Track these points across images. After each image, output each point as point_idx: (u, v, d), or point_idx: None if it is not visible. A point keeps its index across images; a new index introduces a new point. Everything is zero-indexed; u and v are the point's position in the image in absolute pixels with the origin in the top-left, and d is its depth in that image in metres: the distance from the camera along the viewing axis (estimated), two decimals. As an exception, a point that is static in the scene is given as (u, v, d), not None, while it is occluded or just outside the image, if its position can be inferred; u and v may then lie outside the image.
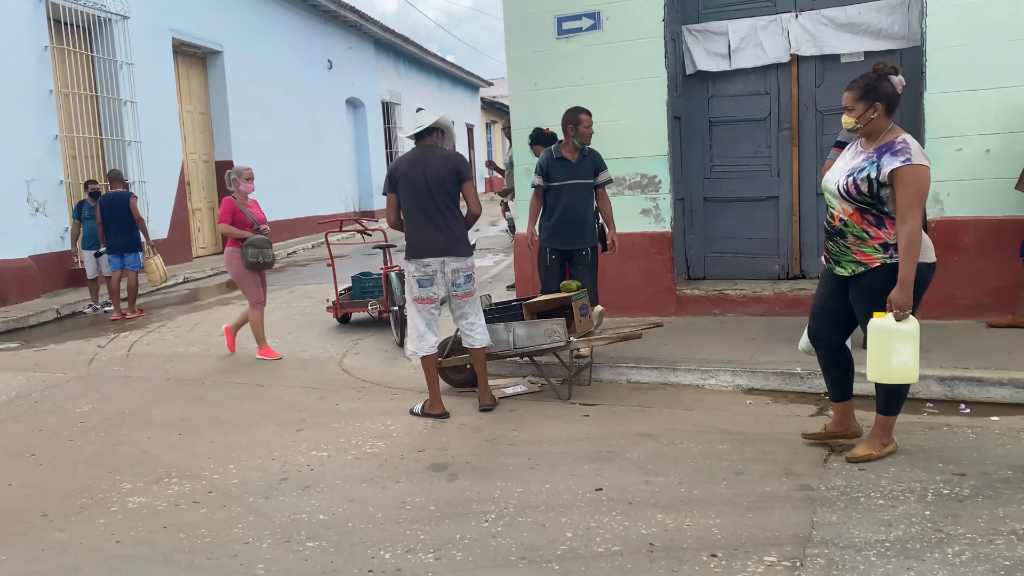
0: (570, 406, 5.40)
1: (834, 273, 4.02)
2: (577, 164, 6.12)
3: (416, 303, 5.37)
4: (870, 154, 3.81)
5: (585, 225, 6.16)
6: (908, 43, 6.82)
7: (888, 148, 3.76)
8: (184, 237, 14.87)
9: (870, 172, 3.74)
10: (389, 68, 24.61)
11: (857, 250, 3.87)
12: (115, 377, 6.94)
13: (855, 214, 3.84)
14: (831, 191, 3.95)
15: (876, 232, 3.82)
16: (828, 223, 4.01)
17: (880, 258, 3.81)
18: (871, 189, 3.75)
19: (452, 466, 4.37)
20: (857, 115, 3.84)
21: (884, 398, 4.04)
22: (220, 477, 4.42)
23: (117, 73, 13.13)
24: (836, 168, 4.00)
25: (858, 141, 4.00)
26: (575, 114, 6.08)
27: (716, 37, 7.41)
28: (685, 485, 3.90)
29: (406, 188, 5.30)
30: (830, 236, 3.99)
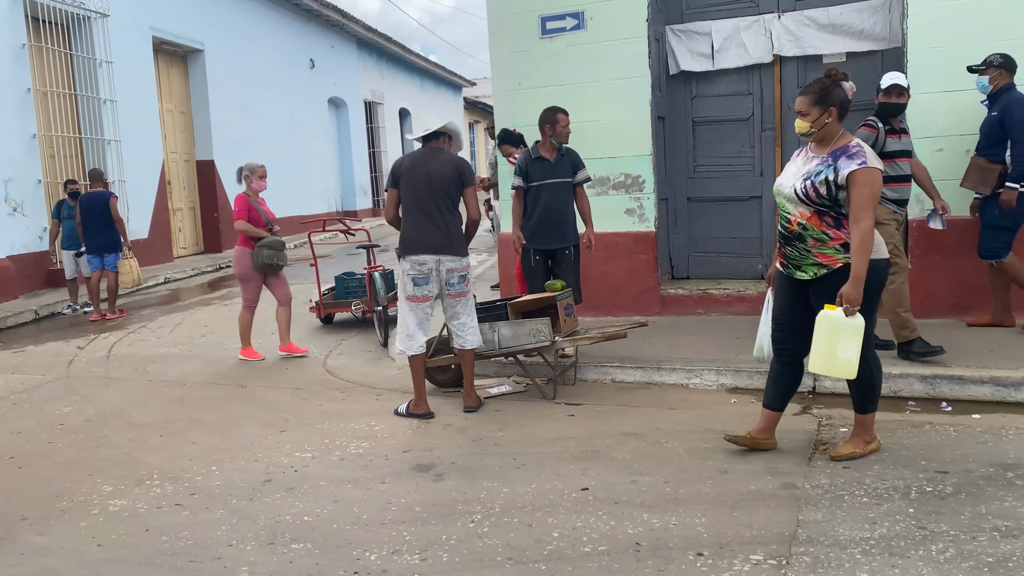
0: (555, 406, 5.40)
1: (794, 279, 4.02)
2: (555, 163, 6.12)
3: (409, 301, 5.33)
4: (824, 158, 3.85)
5: (566, 224, 6.16)
6: (889, 44, 6.87)
7: (843, 152, 3.82)
8: (165, 237, 14.75)
9: (828, 175, 3.79)
10: (372, 67, 24.52)
11: (818, 252, 3.90)
12: (95, 379, 6.87)
13: (813, 217, 3.88)
14: (786, 195, 3.96)
15: (836, 233, 3.87)
16: (785, 228, 4.02)
17: (842, 258, 3.86)
18: (829, 192, 3.81)
19: (437, 467, 4.35)
20: (812, 120, 3.88)
21: (859, 397, 4.08)
22: (203, 479, 4.38)
23: (96, 71, 13.00)
24: (788, 173, 4.02)
25: (807, 146, 4.04)
26: (552, 113, 6.09)
27: (699, 37, 7.44)
28: (671, 484, 3.90)
29: (408, 185, 5.29)
30: (787, 241, 4.00)
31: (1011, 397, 4.92)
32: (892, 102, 5.50)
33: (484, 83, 41.60)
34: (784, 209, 4.00)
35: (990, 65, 5.84)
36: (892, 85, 5.48)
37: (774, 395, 4.23)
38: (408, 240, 5.31)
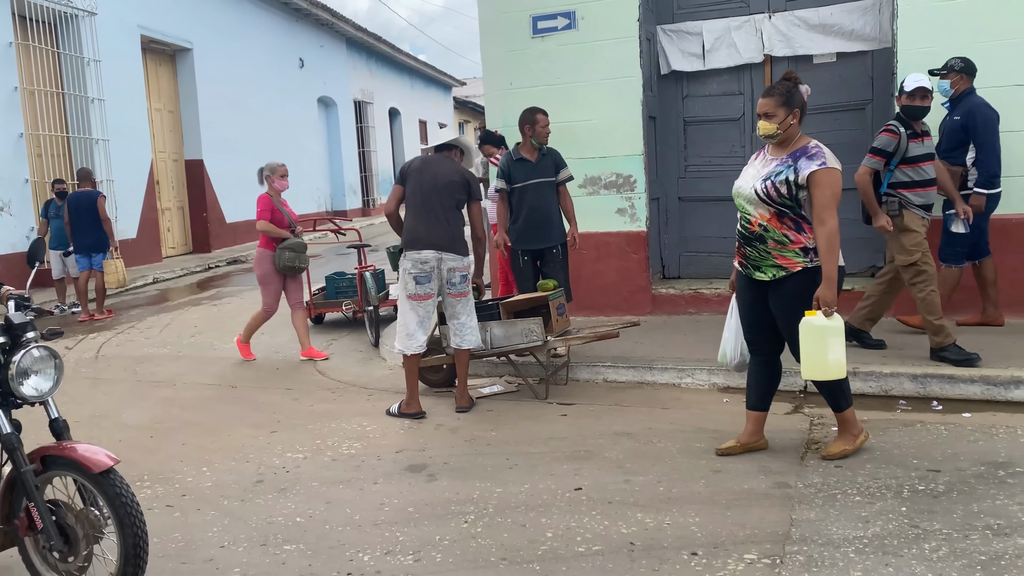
0: (548, 406, 5.39)
1: (752, 279, 4.03)
2: (537, 163, 6.14)
3: (410, 300, 5.31)
4: (784, 159, 3.89)
5: (551, 223, 6.18)
6: (879, 44, 6.89)
7: (803, 153, 3.86)
8: (153, 237, 14.68)
9: (788, 175, 3.83)
10: (361, 67, 24.47)
11: (778, 255, 3.91)
12: (84, 379, 6.82)
13: (773, 219, 3.90)
14: (746, 196, 3.98)
15: (796, 236, 3.88)
16: (745, 229, 4.03)
17: (801, 262, 3.88)
18: (790, 191, 3.83)
19: (430, 467, 4.34)
20: (779, 121, 3.90)
21: (831, 397, 4.10)
22: (194, 480, 4.36)
23: (84, 70, 12.93)
24: (747, 176, 4.05)
25: (764, 149, 4.09)
26: (532, 114, 6.11)
27: (690, 37, 7.44)
28: (664, 484, 3.90)
29: (415, 183, 5.32)
30: (748, 242, 4.02)
31: (1001, 396, 4.94)
32: (916, 105, 5.39)
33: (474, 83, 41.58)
34: (744, 210, 4.02)
35: (951, 69, 5.85)
36: (917, 88, 5.36)
37: (757, 395, 4.24)
38: (410, 236, 5.31)
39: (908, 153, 5.38)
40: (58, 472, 3.08)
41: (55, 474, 3.09)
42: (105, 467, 2.92)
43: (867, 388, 5.24)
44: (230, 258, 15.25)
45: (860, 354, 5.58)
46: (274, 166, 7.27)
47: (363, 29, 23.33)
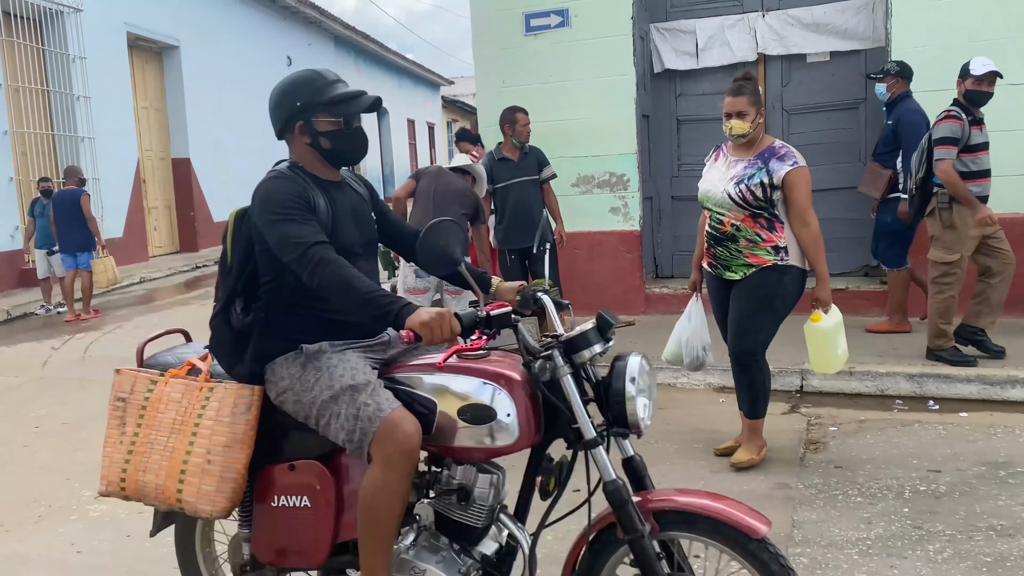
0: (542, 406, 5.33)
1: (723, 279, 3.99)
2: (519, 162, 6.15)
3: (408, 293, 5.32)
4: (751, 161, 3.83)
5: (534, 222, 6.18)
6: (873, 43, 6.88)
7: (771, 153, 3.81)
8: (140, 236, 14.54)
9: (761, 178, 3.76)
10: (349, 66, 24.34)
11: (749, 253, 3.87)
12: (71, 380, 6.72)
13: (748, 219, 3.85)
14: (716, 201, 3.91)
15: (768, 235, 3.84)
16: (716, 230, 3.96)
17: (771, 260, 3.84)
18: (765, 194, 3.77)
19: (425, 469, 4.28)
20: (751, 120, 3.83)
21: (752, 401, 4.03)
22: (185, 483, 4.28)
23: (69, 67, 12.77)
24: (711, 179, 3.98)
25: (721, 149, 4.05)
26: (511, 113, 6.13)
27: (684, 36, 7.42)
28: (662, 485, 3.84)
29: (428, 182, 5.48)
30: (719, 243, 3.96)
31: (997, 395, 4.94)
32: (983, 91, 5.09)
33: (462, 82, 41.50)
34: (714, 212, 3.96)
35: (887, 73, 5.84)
36: (988, 72, 5.04)
37: (744, 402, 4.12)
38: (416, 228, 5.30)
39: (970, 141, 5.05)
40: (677, 534, 2.28)
41: (673, 535, 2.29)
42: (763, 533, 2.11)
43: (863, 388, 5.23)
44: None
45: (856, 354, 5.52)
46: None
47: (351, 27, 23.21)
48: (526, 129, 6.11)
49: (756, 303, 3.87)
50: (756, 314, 3.88)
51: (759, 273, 3.85)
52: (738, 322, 3.94)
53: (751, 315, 3.89)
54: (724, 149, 4.01)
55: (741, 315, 3.92)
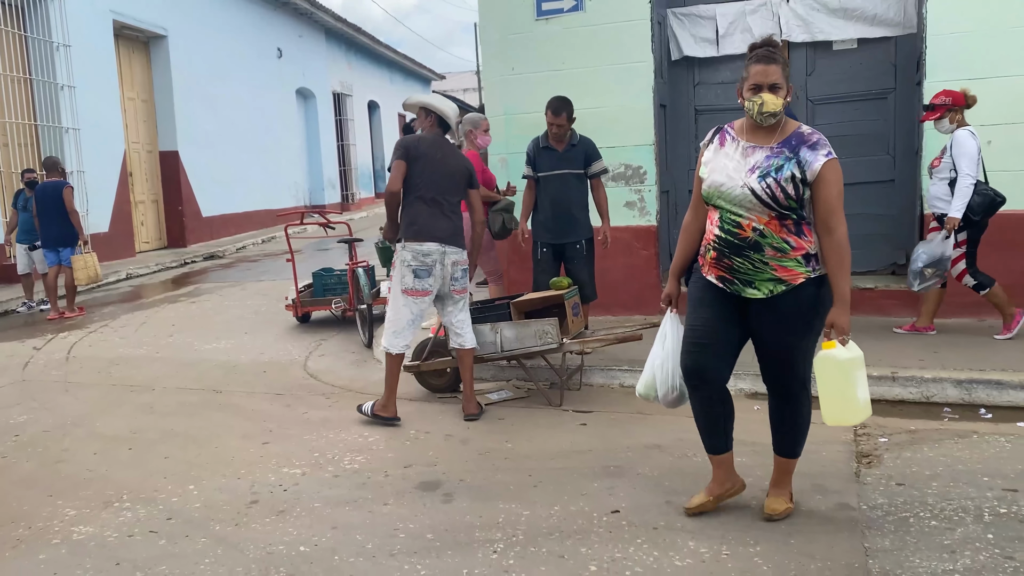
0: (563, 413, 4.98)
1: (739, 298, 3.23)
2: (564, 153, 5.74)
3: (405, 295, 4.89)
4: (775, 149, 3.11)
5: (575, 218, 5.79)
6: (903, 30, 6.55)
7: (800, 140, 3.10)
8: (126, 231, 14.08)
9: (792, 170, 3.06)
10: (340, 59, 23.89)
11: (778, 265, 3.13)
12: (54, 383, 6.31)
13: (773, 222, 3.12)
14: (735, 199, 3.14)
15: (797, 242, 3.13)
16: (732, 235, 3.17)
17: (803, 272, 3.14)
18: (797, 191, 3.07)
19: (444, 484, 3.91)
20: (784, 95, 3.09)
21: (794, 440, 3.38)
22: (180, 500, 3.89)
23: (53, 55, 12.31)
24: (724, 170, 3.18)
25: (727, 132, 3.27)
26: (548, 105, 5.69)
27: (703, 21, 7.06)
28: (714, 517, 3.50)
29: (425, 169, 4.90)
30: (736, 251, 3.17)
31: (1053, 403, 4.61)
32: None
33: (453, 76, 41.14)
34: (731, 212, 3.18)
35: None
36: None
37: (721, 435, 3.43)
38: (413, 226, 4.87)
39: None
40: None
41: None
42: None
43: (907, 394, 4.89)
44: (206, 253, 14.68)
45: (897, 356, 5.25)
46: (476, 119, 6.43)
47: (342, 19, 22.76)
48: (552, 129, 5.69)
49: (799, 331, 3.19)
50: (801, 342, 3.22)
51: (792, 294, 3.14)
52: (782, 354, 3.25)
53: (796, 344, 3.22)
54: (731, 132, 3.25)
55: (785, 346, 3.23)
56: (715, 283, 3.26)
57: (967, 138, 5.47)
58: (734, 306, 3.25)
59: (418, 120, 5.14)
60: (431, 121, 5.05)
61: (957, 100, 5.58)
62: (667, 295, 3.56)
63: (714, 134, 3.31)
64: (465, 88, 43.41)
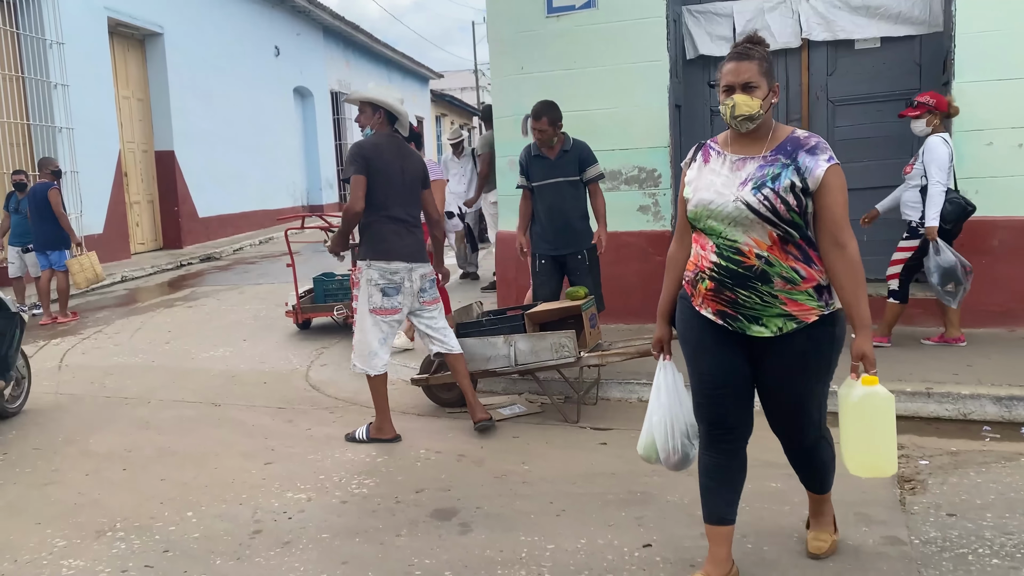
0: (581, 431, 4.74)
1: (744, 336, 2.77)
2: (556, 161, 5.50)
3: (373, 315, 4.64)
4: (771, 157, 2.69)
5: (573, 227, 5.54)
6: (929, 28, 6.31)
7: (797, 145, 2.70)
8: (121, 232, 13.79)
9: (791, 178, 2.64)
10: (338, 57, 23.61)
11: (788, 299, 2.69)
12: (44, 395, 6.04)
13: (776, 246, 2.67)
14: (727, 216, 2.69)
15: (807, 271, 2.69)
16: (735, 263, 2.70)
17: (816, 308, 2.70)
18: (800, 203, 2.65)
19: (461, 512, 3.66)
20: (762, 96, 2.68)
21: (823, 477, 3.04)
22: (177, 529, 3.64)
23: (46, 53, 12.02)
24: (711, 185, 2.74)
25: (712, 147, 2.84)
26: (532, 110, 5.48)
27: (720, 19, 6.82)
28: (751, 539, 3.26)
29: (384, 180, 4.60)
30: (741, 283, 2.70)
31: (1099, 422, 4.38)
32: None
33: (451, 76, 40.87)
34: (724, 236, 2.72)
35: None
36: None
37: (726, 502, 2.91)
38: (380, 245, 4.61)
39: None
40: None
41: None
42: None
43: (943, 411, 4.66)
44: (203, 255, 14.41)
45: (929, 370, 5.01)
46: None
47: (340, 17, 22.47)
48: (536, 134, 5.46)
49: (813, 375, 2.79)
50: (814, 387, 2.82)
51: (805, 334, 2.71)
52: (794, 401, 2.83)
53: (811, 389, 2.82)
54: (714, 147, 2.83)
55: (797, 393, 2.82)
56: (713, 319, 2.78)
57: (939, 145, 5.34)
58: (739, 345, 2.79)
59: (364, 116, 4.77)
60: (380, 118, 4.72)
61: (940, 105, 5.44)
62: (657, 340, 3.05)
63: (696, 150, 2.90)
64: (463, 87, 43.19)
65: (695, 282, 2.81)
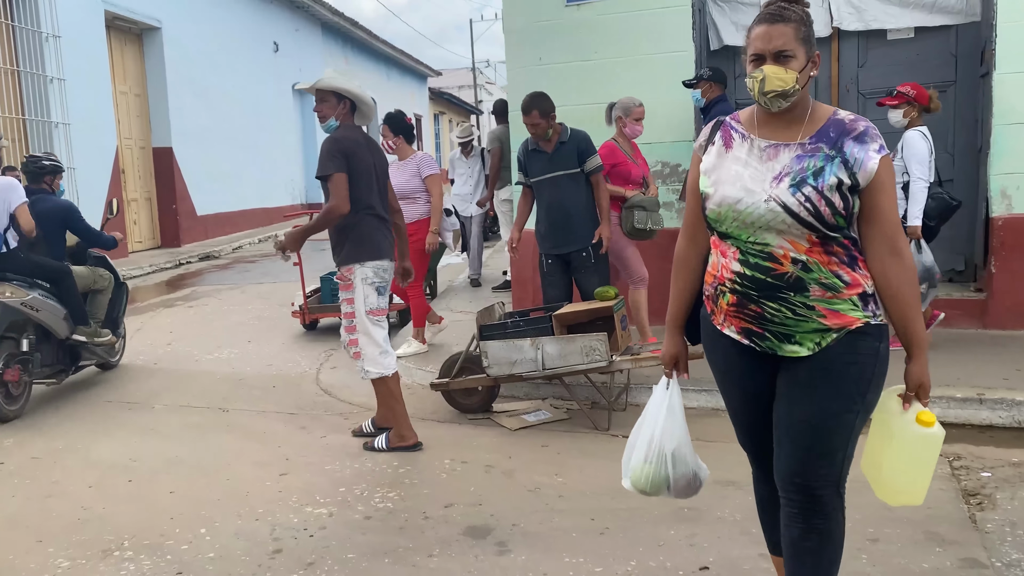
0: (612, 440, 4.48)
1: (771, 356, 2.30)
2: (553, 154, 5.25)
3: (371, 315, 4.41)
4: (811, 145, 2.20)
5: (574, 223, 5.27)
6: (965, 18, 6.06)
7: (842, 131, 2.20)
8: (119, 230, 13.42)
9: (837, 174, 2.16)
10: (337, 54, 23.34)
11: (828, 309, 2.20)
12: (42, 399, 5.76)
13: (816, 249, 2.20)
14: (758, 218, 2.21)
15: (851, 275, 2.21)
16: (766, 272, 2.22)
17: (861, 317, 2.21)
18: (846, 203, 2.17)
19: (496, 531, 3.40)
20: (799, 68, 2.18)
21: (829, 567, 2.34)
22: (190, 548, 3.38)
23: (42, 46, 11.72)
24: (738, 178, 2.25)
25: (734, 127, 2.33)
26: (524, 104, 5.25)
27: (745, 8, 6.54)
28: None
29: (363, 176, 4.40)
30: (769, 294, 2.23)
31: None
32: None
33: (449, 74, 40.61)
34: (753, 240, 2.24)
35: (700, 78, 5.78)
36: None
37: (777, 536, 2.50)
38: (371, 243, 4.40)
39: None
40: None
41: None
42: None
43: (996, 418, 4.42)
44: (202, 253, 14.12)
45: (976, 374, 4.77)
46: (629, 105, 5.67)
47: (339, 13, 22.21)
48: (531, 129, 5.22)
49: (846, 395, 2.22)
50: (845, 413, 2.22)
51: (845, 345, 2.21)
52: (814, 429, 2.24)
53: (838, 415, 2.22)
54: (737, 127, 2.33)
55: (825, 420, 2.23)
56: (737, 339, 2.32)
57: (918, 140, 5.15)
58: (770, 368, 2.33)
59: (326, 107, 4.46)
60: (345, 109, 4.47)
61: (920, 97, 5.24)
62: (669, 357, 2.56)
63: (713, 131, 2.38)
64: (460, 85, 42.93)
65: (715, 297, 2.35)
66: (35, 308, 5.30)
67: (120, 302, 6.45)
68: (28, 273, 5.44)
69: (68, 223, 6.06)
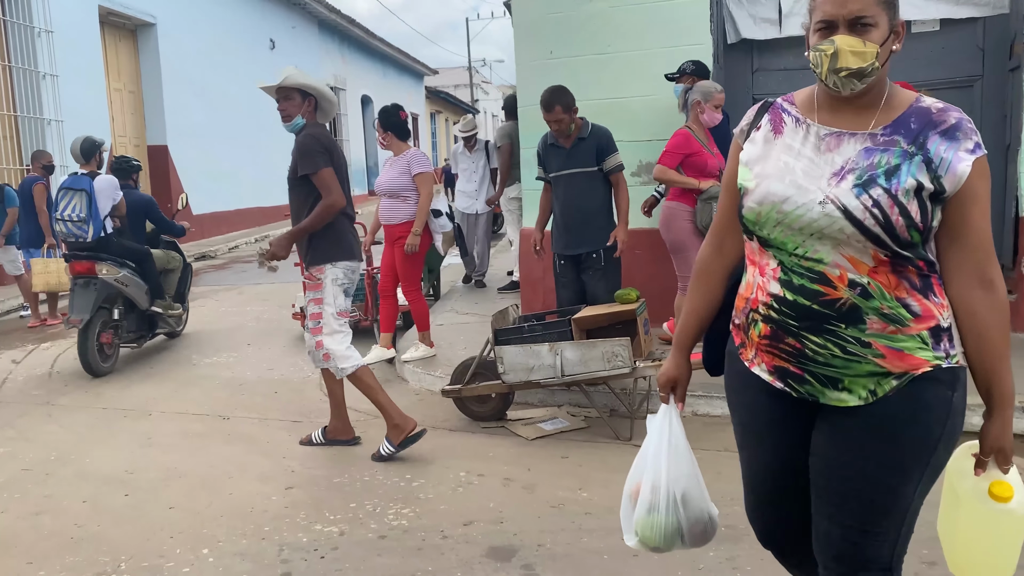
0: (636, 451, 4.22)
1: (811, 404, 1.85)
2: (571, 150, 5.03)
3: (339, 317, 4.30)
4: (885, 137, 1.75)
5: (588, 224, 5.05)
6: (993, 10, 5.85)
7: (926, 121, 1.74)
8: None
9: (916, 175, 1.70)
10: (334, 52, 23.10)
11: (888, 348, 1.74)
12: (35, 405, 5.52)
13: (883, 269, 1.73)
14: (807, 225, 1.76)
15: (923, 305, 1.74)
16: (812, 296, 1.77)
17: (931, 360, 1.74)
18: (924, 214, 1.71)
19: (521, 551, 3.17)
20: (880, 40, 1.70)
21: None
22: (192, 570, 3.14)
23: (35, 42, 11.47)
24: (788, 171, 1.81)
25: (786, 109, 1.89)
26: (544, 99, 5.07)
27: (763, 0, 6.34)
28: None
29: (341, 174, 4.32)
30: (813, 326, 1.77)
31: None
32: None
33: (446, 72, 40.39)
34: (801, 253, 1.79)
35: (684, 72, 5.77)
36: None
37: None
38: (344, 243, 4.31)
39: None
40: None
41: None
42: None
43: (1039, 428, 4.19)
44: (198, 253, 13.86)
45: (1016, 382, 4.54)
46: (710, 90, 5.23)
47: (336, 11, 21.99)
48: (553, 126, 5.01)
49: (906, 464, 1.78)
50: (902, 487, 1.79)
51: (909, 391, 1.75)
52: (862, 504, 1.81)
53: (894, 490, 1.79)
54: (790, 110, 1.88)
55: (871, 490, 1.80)
56: (769, 380, 1.88)
57: None
58: (805, 420, 1.89)
59: (291, 105, 4.34)
60: (310, 107, 4.37)
61: None
62: (667, 377, 2.14)
63: (760, 113, 1.94)
64: (456, 84, 42.70)
65: (746, 327, 1.90)
66: (125, 284, 6.27)
67: (187, 280, 7.41)
68: (118, 254, 6.35)
69: (148, 214, 7.22)
